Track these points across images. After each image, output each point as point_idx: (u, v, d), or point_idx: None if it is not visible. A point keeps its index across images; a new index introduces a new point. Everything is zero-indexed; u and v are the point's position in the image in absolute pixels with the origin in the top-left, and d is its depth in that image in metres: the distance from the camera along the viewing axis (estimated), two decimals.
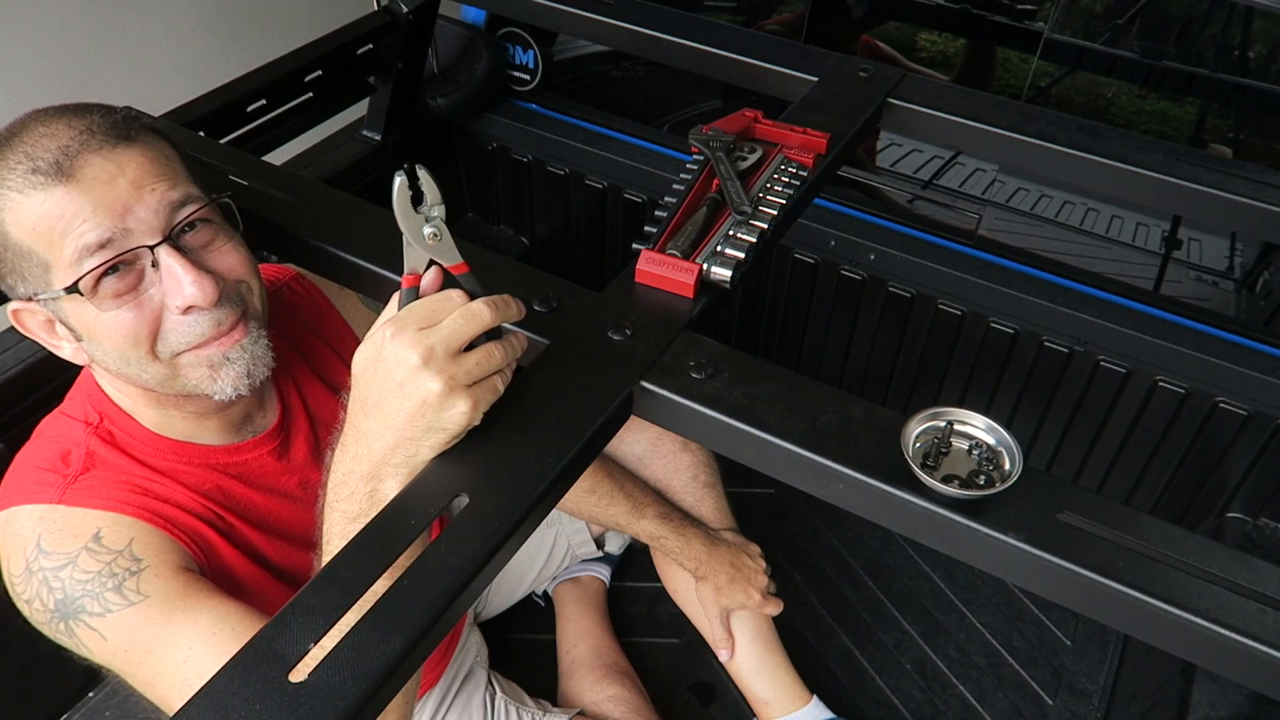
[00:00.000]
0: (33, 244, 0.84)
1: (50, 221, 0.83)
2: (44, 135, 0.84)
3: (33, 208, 0.83)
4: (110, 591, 0.88)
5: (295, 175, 1.10)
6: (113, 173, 0.85)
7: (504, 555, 0.67)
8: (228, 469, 1.04)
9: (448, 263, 0.74)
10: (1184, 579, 0.66)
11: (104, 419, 0.99)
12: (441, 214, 0.71)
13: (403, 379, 0.69)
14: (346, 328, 1.24)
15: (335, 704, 0.56)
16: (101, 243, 0.84)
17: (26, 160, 0.83)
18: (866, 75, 1.22)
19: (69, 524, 0.91)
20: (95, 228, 0.83)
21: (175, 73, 2.43)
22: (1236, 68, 1.51)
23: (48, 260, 0.85)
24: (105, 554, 0.89)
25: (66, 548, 0.90)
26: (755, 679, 1.60)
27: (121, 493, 0.94)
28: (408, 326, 0.70)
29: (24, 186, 0.83)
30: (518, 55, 2.04)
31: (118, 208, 0.84)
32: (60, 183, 0.83)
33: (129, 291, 0.87)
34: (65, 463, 0.95)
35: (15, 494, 0.95)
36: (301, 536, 1.10)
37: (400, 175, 0.68)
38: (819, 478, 0.74)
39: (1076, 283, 1.67)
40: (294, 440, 1.11)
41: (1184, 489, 1.73)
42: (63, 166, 0.83)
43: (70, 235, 0.83)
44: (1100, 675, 1.79)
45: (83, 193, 0.83)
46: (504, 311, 0.73)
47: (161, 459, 0.99)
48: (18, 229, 0.84)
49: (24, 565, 0.90)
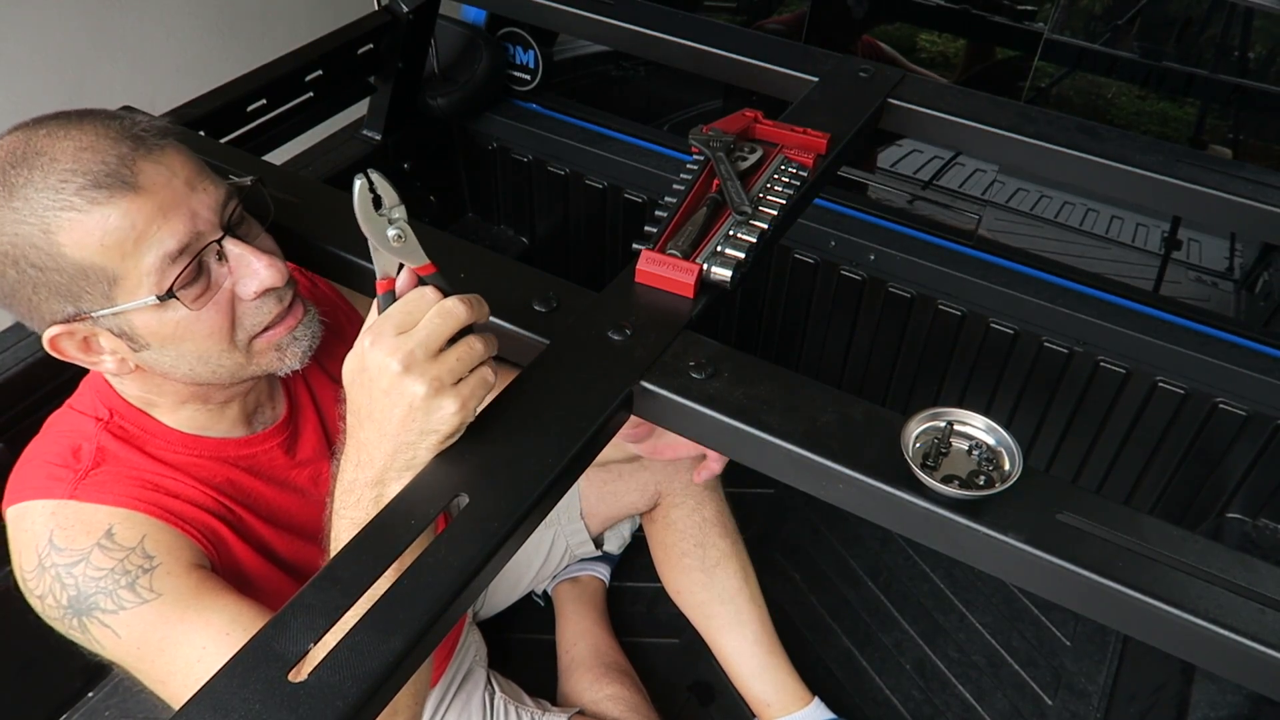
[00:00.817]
0: (99, 259, 0.82)
1: (121, 234, 0.81)
2: (83, 148, 0.82)
3: (97, 222, 0.81)
4: (123, 589, 0.88)
5: (296, 175, 1.10)
6: (167, 176, 0.84)
7: (504, 555, 0.67)
8: (238, 461, 1.04)
9: (414, 264, 0.74)
10: (1184, 579, 0.66)
11: (114, 414, 0.99)
12: (403, 215, 0.72)
13: (388, 387, 0.70)
14: (359, 317, 1.24)
15: (335, 704, 0.56)
16: (182, 247, 0.84)
17: (77, 176, 0.80)
18: (866, 75, 1.22)
19: (81, 520, 0.91)
20: (173, 234, 0.83)
21: (175, 72, 2.43)
22: (1236, 68, 1.51)
23: (116, 273, 0.83)
24: (118, 551, 0.90)
25: (79, 544, 0.90)
26: (756, 681, 1.60)
27: (133, 489, 0.94)
28: (385, 333, 0.71)
29: (82, 204, 0.80)
30: (518, 55, 2.04)
31: (184, 210, 0.84)
32: (125, 193, 0.81)
33: (205, 289, 0.88)
34: (76, 458, 0.95)
35: (26, 489, 0.95)
36: (312, 531, 1.10)
37: (359, 179, 0.69)
38: (819, 478, 0.74)
39: (1076, 283, 1.68)
40: (302, 433, 1.12)
41: (1184, 489, 1.73)
42: (123, 176, 0.81)
43: (146, 244, 0.82)
44: (1100, 676, 1.79)
45: (150, 199, 0.82)
46: (478, 309, 0.73)
47: (173, 452, 1.00)
48: (78, 248, 0.81)
49: (36, 561, 0.90)
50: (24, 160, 0.81)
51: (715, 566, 1.61)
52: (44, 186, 0.80)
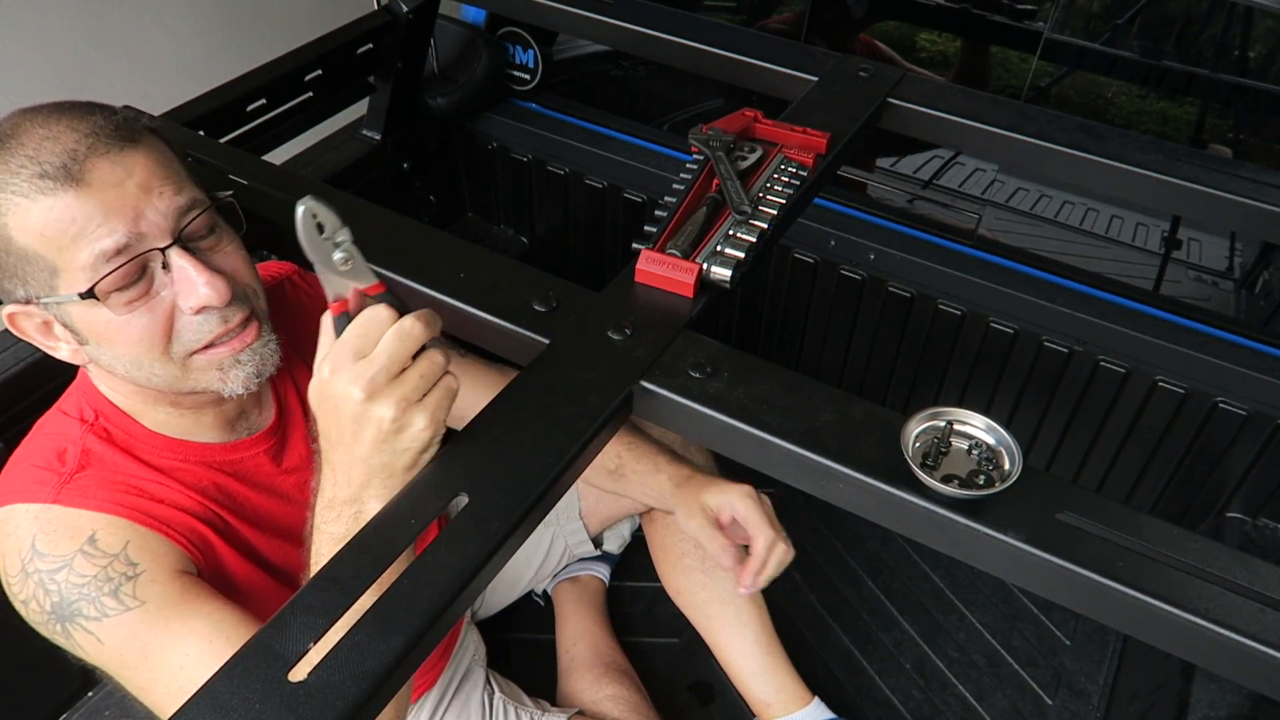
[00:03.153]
0: (40, 248, 0.83)
1: (61, 226, 0.82)
2: (47, 138, 0.83)
3: (40, 212, 0.82)
4: (106, 596, 0.88)
5: (295, 175, 1.10)
6: (121, 176, 0.84)
7: (504, 555, 0.67)
8: (224, 466, 1.04)
9: (363, 284, 0.74)
10: (1184, 579, 0.66)
11: (100, 416, 0.99)
12: (348, 237, 0.72)
13: (354, 414, 0.70)
14: None
15: (335, 704, 0.56)
16: (118, 248, 0.84)
17: (31, 164, 0.82)
18: (866, 75, 1.22)
19: (64, 525, 0.91)
20: (110, 233, 0.83)
21: (175, 72, 2.43)
22: (1236, 68, 1.51)
23: (55, 264, 0.84)
24: (101, 557, 0.90)
25: (62, 550, 0.90)
26: (756, 681, 1.60)
27: (116, 494, 0.94)
28: (344, 360, 0.71)
29: (30, 191, 0.82)
30: (518, 55, 2.04)
31: (129, 212, 0.84)
32: (70, 187, 0.82)
33: (142, 295, 0.87)
34: (61, 460, 0.95)
35: (10, 492, 0.95)
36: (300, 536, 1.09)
37: (302, 205, 0.69)
38: (819, 478, 0.74)
39: (1076, 283, 1.68)
40: (290, 440, 1.11)
41: (1184, 489, 1.73)
42: (71, 171, 0.82)
43: (84, 240, 0.83)
44: (1100, 675, 1.79)
45: (93, 197, 0.83)
46: (433, 324, 0.73)
47: (158, 456, 0.99)
48: (23, 233, 0.83)
49: (20, 566, 0.90)
50: (2, 141, 0.84)
51: (715, 566, 1.61)
52: (4, 169, 0.82)
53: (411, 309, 0.73)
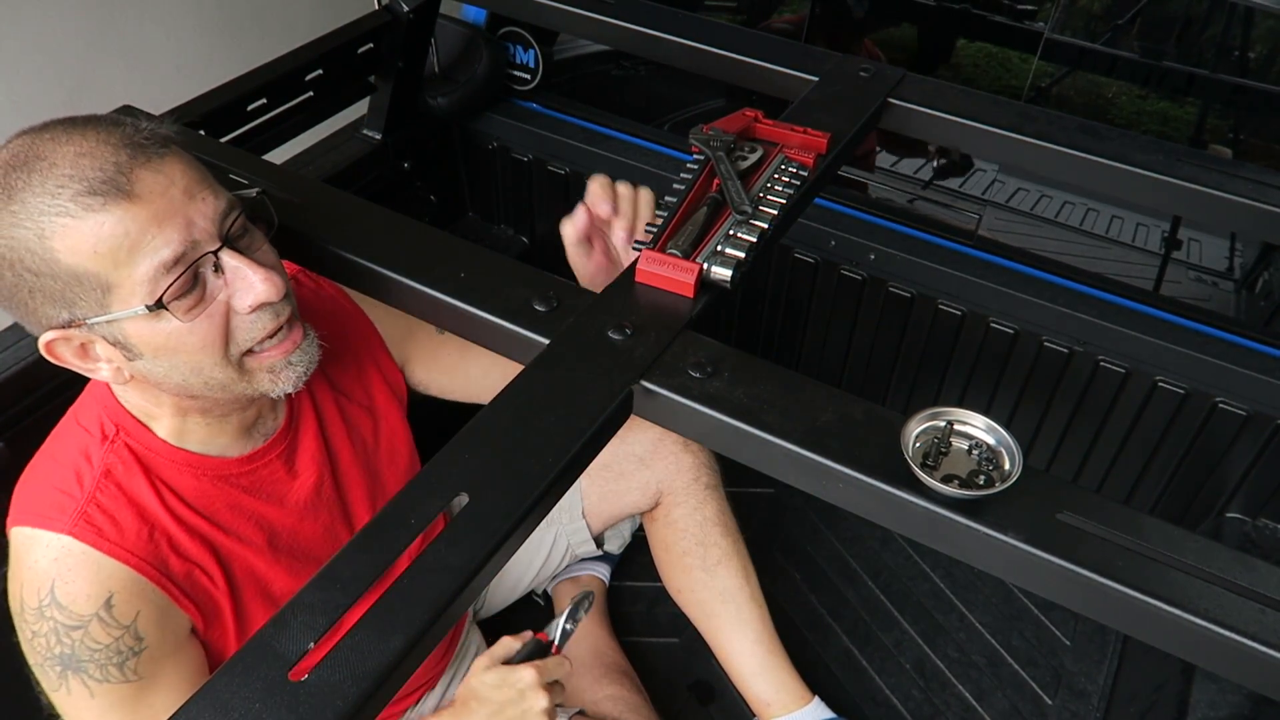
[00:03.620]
0: (92, 266, 0.81)
1: (115, 242, 0.81)
2: (82, 154, 0.81)
3: (90, 230, 0.80)
4: (114, 666, 0.93)
5: (296, 174, 1.10)
6: (165, 184, 0.83)
7: (504, 555, 0.67)
8: (239, 480, 1.05)
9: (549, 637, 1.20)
10: (1184, 579, 0.66)
11: (120, 430, 0.99)
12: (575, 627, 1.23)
13: None
14: (364, 317, 1.24)
15: (335, 703, 0.56)
16: (176, 257, 0.83)
17: (73, 182, 0.80)
18: (867, 75, 1.22)
19: (83, 576, 0.93)
20: (167, 243, 0.82)
21: (175, 72, 2.43)
22: (1236, 68, 1.51)
23: (109, 281, 0.82)
24: (115, 628, 0.93)
25: (80, 609, 0.92)
26: (756, 680, 1.60)
27: (130, 535, 0.96)
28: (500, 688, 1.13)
29: (76, 210, 0.80)
30: (518, 54, 2.04)
31: (180, 219, 0.83)
32: (120, 201, 0.80)
33: (199, 301, 0.87)
34: (79, 483, 0.96)
35: (29, 511, 0.96)
36: (310, 553, 1.11)
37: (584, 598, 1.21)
38: (819, 478, 0.74)
39: (1076, 283, 1.67)
40: (301, 441, 1.12)
41: (1184, 489, 1.73)
42: (119, 184, 0.80)
43: (140, 253, 0.82)
44: (1100, 675, 1.79)
45: (144, 208, 0.82)
46: None
47: (176, 473, 1.00)
48: (71, 254, 0.81)
49: (37, 604, 0.93)
50: (24, 164, 0.81)
51: (716, 565, 1.61)
52: (41, 191, 0.80)
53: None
